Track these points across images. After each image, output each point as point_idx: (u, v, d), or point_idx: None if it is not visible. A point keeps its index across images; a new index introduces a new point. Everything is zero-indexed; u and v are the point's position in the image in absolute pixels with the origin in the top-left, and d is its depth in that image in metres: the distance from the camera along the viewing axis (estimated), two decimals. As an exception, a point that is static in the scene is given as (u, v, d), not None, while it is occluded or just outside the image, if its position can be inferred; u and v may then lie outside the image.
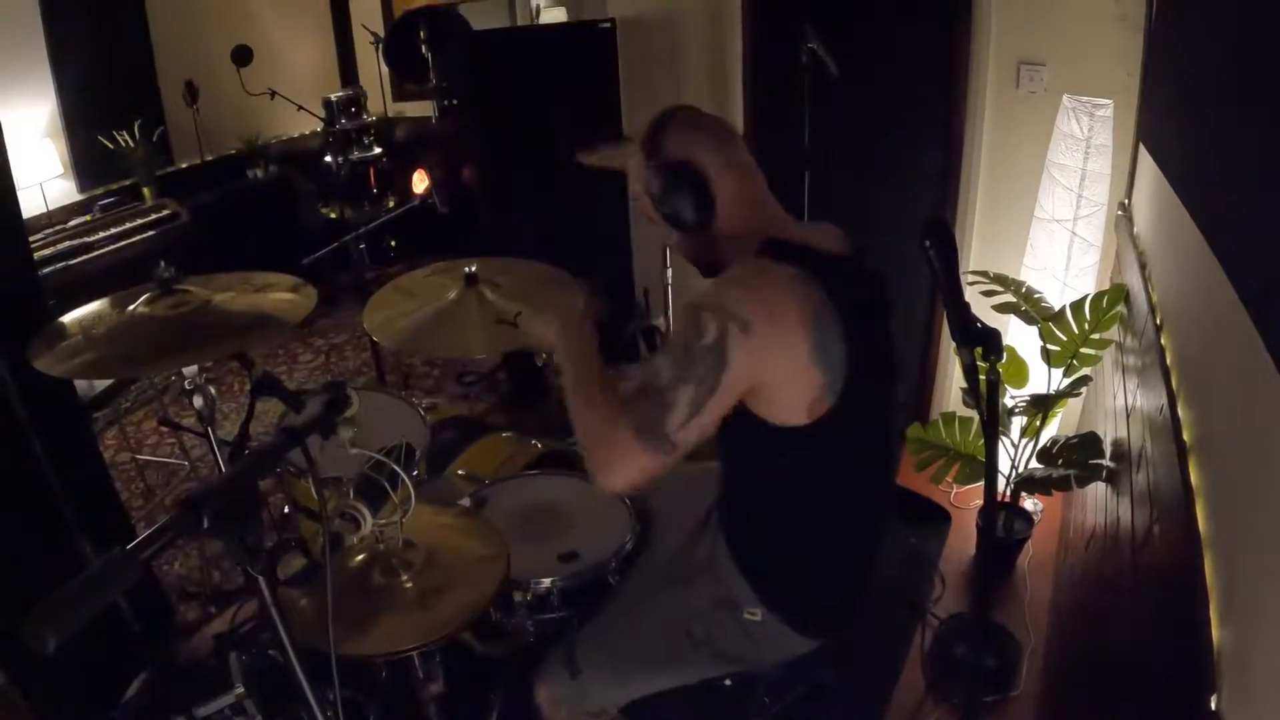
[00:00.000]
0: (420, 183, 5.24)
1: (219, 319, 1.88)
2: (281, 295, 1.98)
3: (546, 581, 1.88)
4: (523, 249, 2.46)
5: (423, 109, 5.95)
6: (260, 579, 1.09)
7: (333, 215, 5.65)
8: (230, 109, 5.43)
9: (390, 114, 6.16)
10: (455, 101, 5.31)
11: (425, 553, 1.71)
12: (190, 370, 1.90)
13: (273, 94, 5.45)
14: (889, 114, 3.45)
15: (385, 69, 5.91)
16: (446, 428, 2.73)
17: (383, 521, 1.58)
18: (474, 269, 2.19)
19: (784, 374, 1.38)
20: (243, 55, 5.36)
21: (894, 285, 1.60)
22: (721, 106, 3.80)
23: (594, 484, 1.39)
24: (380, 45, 5.72)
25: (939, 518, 3.23)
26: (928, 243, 1.27)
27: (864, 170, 3.49)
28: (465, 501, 2.11)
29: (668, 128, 1.55)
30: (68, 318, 1.92)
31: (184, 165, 5.29)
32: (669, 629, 1.66)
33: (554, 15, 5.20)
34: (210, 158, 5.42)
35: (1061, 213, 2.91)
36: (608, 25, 3.79)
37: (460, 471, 2.48)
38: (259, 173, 5.59)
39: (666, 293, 3.19)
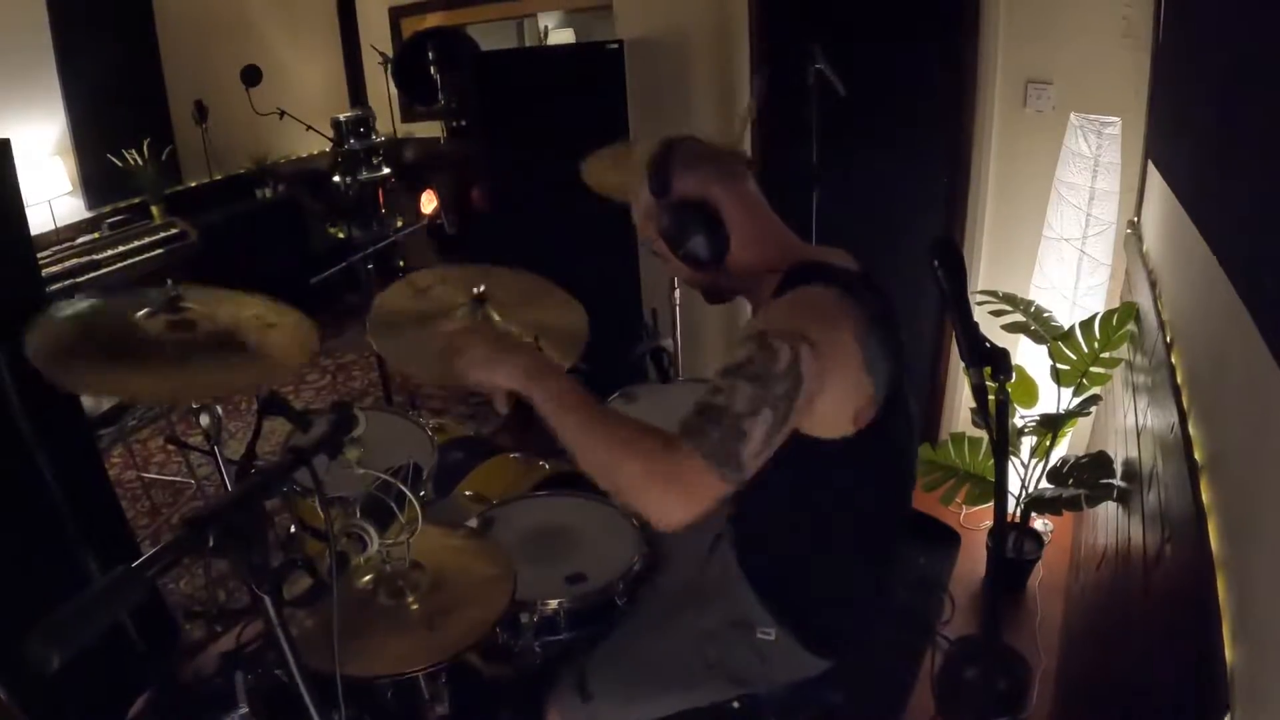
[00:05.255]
0: (428, 203, 5.26)
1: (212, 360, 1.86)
2: (283, 336, 1.93)
3: (553, 603, 1.87)
4: (531, 270, 2.46)
5: (431, 129, 5.99)
6: (266, 598, 1.09)
7: (340, 235, 5.66)
8: (239, 129, 5.48)
9: (399, 134, 6.19)
10: (464, 122, 5.34)
11: (432, 574, 1.71)
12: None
13: (281, 114, 5.47)
14: (896, 134, 3.46)
15: (394, 90, 5.95)
16: (454, 448, 2.71)
17: (389, 542, 1.57)
18: (481, 289, 2.18)
19: (841, 385, 1.35)
20: (252, 75, 5.41)
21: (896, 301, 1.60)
22: (730, 127, 3.81)
23: (654, 522, 1.25)
24: (389, 66, 5.76)
25: (948, 539, 3.21)
26: (936, 262, 1.30)
27: (872, 190, 3.49)
28: (472, 523, 2.11)
29: (673, 163, 1.53)
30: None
31: (193, 184, 5.34)
32: (684, 651, 1.65)
33: (562, 36, 5.23)
34: (219, 177, 5.47)
35: (1070, 231, 2.92)
36: (616, 47, 3.80)
37: (467, 492, 2.47)
38: (267, 192, 5.63)
39: (675, 313, 3.19)
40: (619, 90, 3.84)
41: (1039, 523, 3.09)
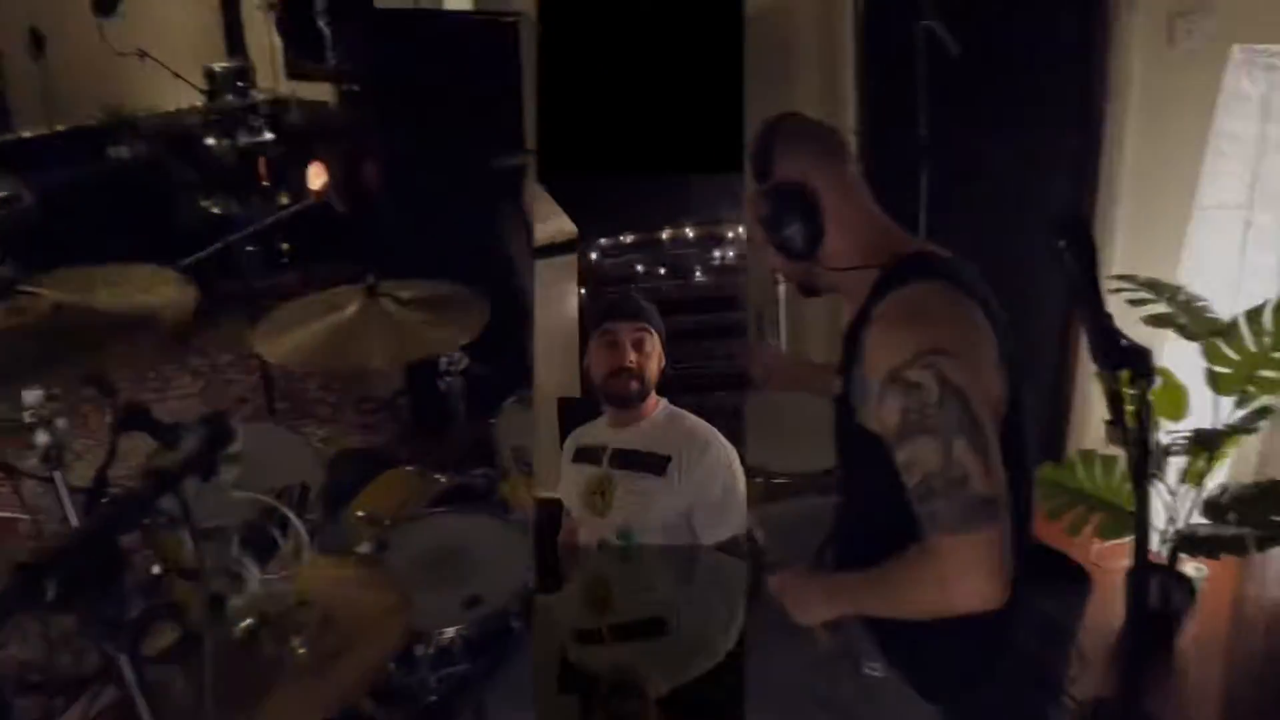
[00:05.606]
0: (316, 178, 5.18)
1: (72, 326, 1.77)
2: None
3: (450, 631, 1.96)
4: (428, 260, 2.54)
5: (320, 92, 5.90)
6: (122, 658, 1.07)
7: (216, 210, 5.53)
8: (88, 69, 5.27)
9: (283, 92, 6.07)
10: (356, 87, 5.27)
11: (320, 611, 1.69)
12: (32, 398, 1.81)
13: (143, 55, 5.29)
14: (1017, 92, 3.27)
15: (278, 40, 5.82)
16: (344, 462, 2.82)
17: (272, 577, 1.60)
18: (373, 280, 2.33)
19: (984, 387, 1.42)
20: (105, 3, 5.18)
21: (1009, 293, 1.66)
22: (829, 101, 3.67)
23: (990, 606, 1.34)
24: (273, 12, 5.63)
25: (1077, 579, 2.82)
26: (1062, 244, 1.29)
27: (988, 160, 3.32)
28: (364, 548, 2.17)
29: (774, 145, 1.65)
30: None
31: (26, 134, 5.12)
32: (784, 682, 1.69)
33: (460, 1, 5.21)
34: (62, 128, 5.23)
35: (1231, 197, 2.77)
36: (513, 20, 3.72)
37: (360, 513, 2.52)
38: (124, 151, 5.40)
39: (779, 310, 3.14)
40: (514, 71, 3.73)
41: (1190, 566, 2.84)
